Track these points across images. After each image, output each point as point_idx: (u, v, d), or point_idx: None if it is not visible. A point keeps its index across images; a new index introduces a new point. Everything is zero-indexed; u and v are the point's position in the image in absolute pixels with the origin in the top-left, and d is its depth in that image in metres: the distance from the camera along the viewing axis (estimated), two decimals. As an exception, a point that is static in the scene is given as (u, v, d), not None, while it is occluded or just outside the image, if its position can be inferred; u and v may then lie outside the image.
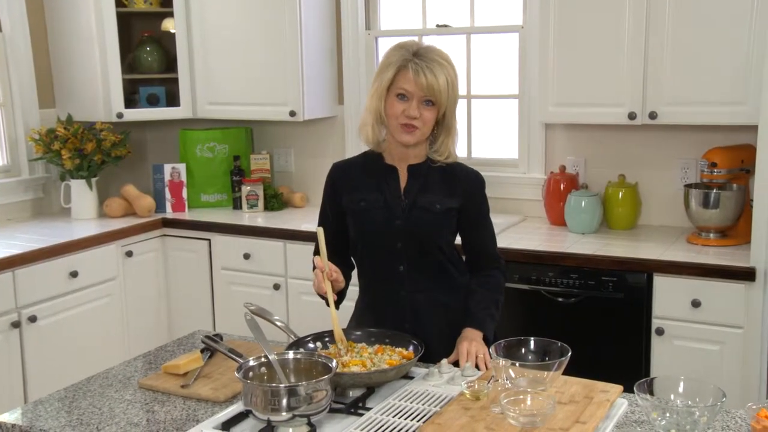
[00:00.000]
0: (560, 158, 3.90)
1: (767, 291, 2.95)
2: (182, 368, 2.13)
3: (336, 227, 2.40)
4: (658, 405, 1.78)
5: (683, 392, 1.85)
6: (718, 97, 3.21)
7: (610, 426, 1.81)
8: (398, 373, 2.01)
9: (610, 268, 3.22)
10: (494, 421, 1.75)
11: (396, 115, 2.26)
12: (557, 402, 1.83)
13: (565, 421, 1.74)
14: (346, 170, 2.44)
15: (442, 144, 2.35)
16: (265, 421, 1.77)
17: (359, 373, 1.96)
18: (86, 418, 1.91)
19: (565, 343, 1.97)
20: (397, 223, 2.32)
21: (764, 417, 1.70)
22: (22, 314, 3.44)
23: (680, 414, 1.75)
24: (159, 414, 1.94)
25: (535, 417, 1.72)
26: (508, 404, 1.74)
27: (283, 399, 1.75)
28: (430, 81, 2.21)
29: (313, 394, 1.77)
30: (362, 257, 2.43)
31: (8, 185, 4.15)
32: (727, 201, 3.30)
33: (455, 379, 2.02)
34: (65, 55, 4.29)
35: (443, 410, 1.81)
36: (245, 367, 1.88)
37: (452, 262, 2.42)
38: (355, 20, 4.28)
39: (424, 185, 2.35)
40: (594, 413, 1.78)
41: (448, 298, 2.40)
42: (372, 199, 2.35)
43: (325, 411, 1.82)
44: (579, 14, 3.42)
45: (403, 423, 1.80)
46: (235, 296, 3.97)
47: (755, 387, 2.98)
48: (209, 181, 4.45)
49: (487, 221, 2.46)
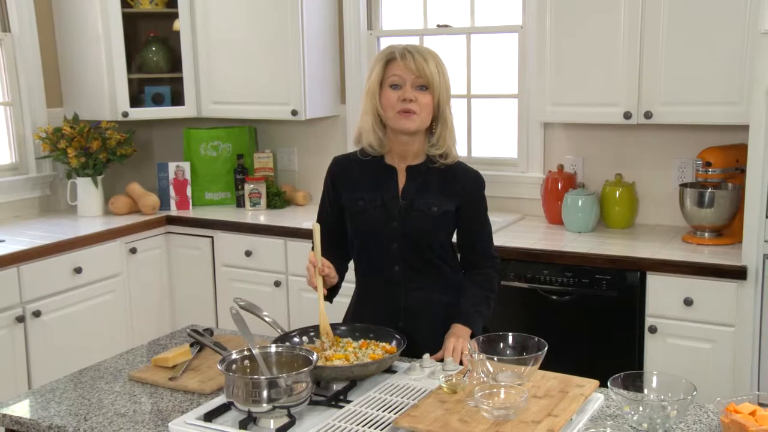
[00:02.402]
0: (559, 157, 3.92)
1: (758, 289, 2.97)
2: (171, 361, 2.18)
3: (335, 220, 2.43)
4: (630, 399, 1.81)
5: (657, 387, 1.89)
6: (712, 97, 3.23)
7: (584, 419, 1.84)
8: (379, 367, 2.05)
9: (604, 266, 3.25)
10: (468, 414, 1.78)
11: (392, 105, 2.27)
12: (533, 396, 1.87)
13: (538, 414, 1.78)
14: (346, 166, 2.45)
15: (440, 136, 2.34)
16: (245, 412, 1.82)
17: (341, 366, 2.00)
18: (75, 409, 1.96)
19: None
20: (394, 224, 2.35)
21: (733, 411, 1.73)
22: (26, 309, 3.51)
23: (653, 408, 1.78)
24: (145, 405, 1.99)
25: (508, 410, 1.75)
26: (481, 398, 1.78)
27: (263, 391, 1.80)
28: (420, 63, 2.25)
29: (293, 386, 1.82)
30: (358, 254, 2.46)
31: (16, 183, 4.23)
32: (721, 200, 3.32)
33: (436, 374, 2.06)
34: (72, 55, 4.37)
35: (420, 403, 1.85)
36: (228, 359, 1.93)
37: (447, 261, 2.45)
38: (357, 20, 4.33)
39: (422, 186, 2.36)
40: (567, 407, 1.81)
41: (442, 296, 2.43)
42: (370, 199, 2.37)
43: (305, 403, 1.86)
44: (575, 15, 3.46)
45: (381, 415, 1.85)
46: (236, 293, 4.01)
47: (746, 384, 3.00)
48: (213, 180, 4.51)
49: (485, 221, 2.49)
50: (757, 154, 2.91)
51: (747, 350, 3.00)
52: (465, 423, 1.74)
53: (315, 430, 1.79)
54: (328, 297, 2.35)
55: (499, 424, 1.73)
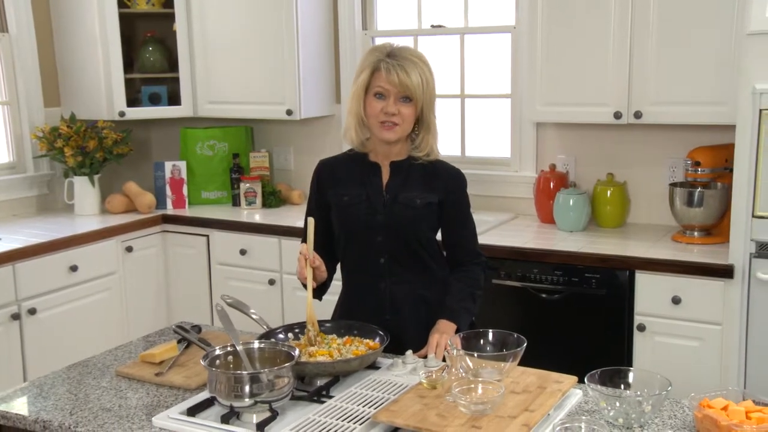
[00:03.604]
0: (551, 157, 3.95)
1: (745, 288, 2.99)
2: (158, 357, 2.21)
3: (321, 222, 2.46)
4: (606, 395, 1.84)
5: (633, 383, 1.92)
6: (700, 98, 3.26)
7: (562, 414, 1.87)
8: (362, 363, 2.08)
9: (593, 265, 3.27)
10: (446, 409, 1.81)
11: (375, 114, 2.33)
12: (511, 392, 1.90)
13: (515, 409, 1.80)
14: (331, 167, 2.52)
15: (423, 140, 2.41)
16: (228, 407, 1.85)
17: (323, 362, 2.03)
18: (61, 404, 2.00)
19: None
20: (379, 217, 2.39)
21: (706, 406, 1.75)
22: (22, 306, 3.54)
23: (629, 404, 1.81)
24: (131, 400, 2.02)
25: (485, 405, 1.78)
26: (459, 393, 1.81)
27: (245, 386, 1.83)
28: (403, 79, 2.28)
29: (274, 380, 1.85)
30: (345, 249, 2.50)
31: (14, 181, 4.27)
32: (710, 200, 3.34)
33: (418, 370, 2.08)
34: (70, 55, 4.41)
35: (399, 398, 1.88)
36: (211, 355, 1.96)
37: (432, 256, 2.48)
38: (352, 20, 4.36)
39: (405, 181, 2.42)
40: (544, 402, 1.84)
41: (427, 292, 2.46)
42: (355, 194, 2.42)
43: (287, 398, 1.89)
44: (566, 15, 3.48)
45: (360, 410, 1.87)
46: (231, 291, 4.03)
47: (733, 382, 3.02)
48: (209, 179, 4.55)
49: (468, 218, 2.52)
50: (744, 153, 2.93)
51: (734, 348, 3.02)
52: (442, 417, 1.77)
53: (295, 424, 1.82)
54: (317, 295, 2.39)
55: (475, 419, 1.75)
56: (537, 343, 3.28)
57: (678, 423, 1.82)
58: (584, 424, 1.73)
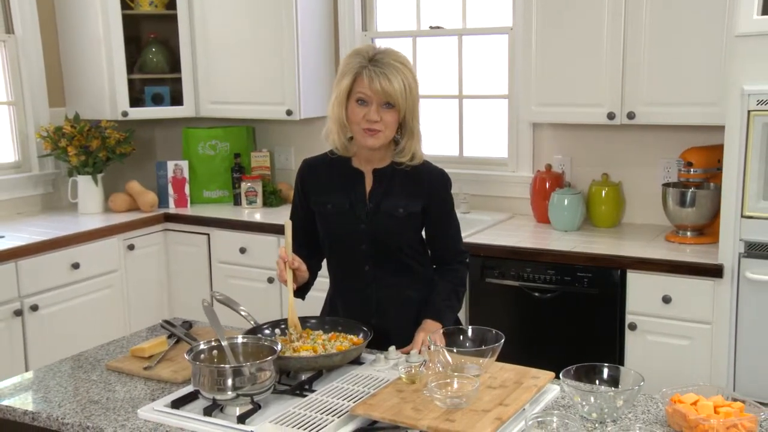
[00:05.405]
0: (547, 157, 3.98)
1: (734, 287, 3.01)
2: (147, 351, 2.26)
3: (305, 221, 2.49)
4: (580, 390, 1.88)
5: (607, 378, 1.96)
6: (692, 98, 3.29)
7: (537, 409, 1.90)
8: (344, 358, 2.12)
9: (585, 264, 3.30)
10: (422, 403, 1.85)
11: (357, 121, 2.31)
12: (488, 386, 1.94)
13: (489, 403, 1.84)
14: (315, 169, 2.50)
15: (406, 146, 2.39)
16: (211, 399, 1.90)
17: (306, 357, 2.08)
18: (50, 396, 2.05)
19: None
20: (362, 226, 2.40)
21: (677, 401, 1.79)
22: (24, 303, 3.60)
23: (603, 398, 1.84)
24: (119, 393, 2.07)
25: (460, 399, 1.82)
26: (435, 387, 1.85)
27: (228, 379, 1.88)
28: (385, 86, 2.25)
29: (257, 374, 1.90)
30: (330, 254, 2.53)
31: (19, 180, 4.34)
32: (703, 200, 3.36)
33: (399, 365, 2.12)
34: (74, 56, 4.48)
35: (378, 392, 1.92)
36: (196, 350, 2.01)
37: (417, 258, 2.50)
38: (352, 22, 4.40)
39: (388, 189, 2.41)
40: (519, 397, 1.88)
41: (412, 292, 2.49)
42: (338, 203, 2.42)
43: (269, 391, 1.94)
44: (560, 17, 3.51)
45: (340, 403, 1.92)
46: (231, 289, 4.08)
47: (722, 380, 3.04)
48: (211, 178, 4.60)
49: (452, 218, 2.53)
50: (733, 154, 2.96)
51: (723, 347, 3.05)
52: (418, 411, 1.81)
53: (275, 416, 1.86)
54: (300, 294, 2.43)
55: (450, 413, 1.79)
56: (529, 340, 3.37)
57: (650, 417, 1.85)
58: (556, 418, 1.77)
